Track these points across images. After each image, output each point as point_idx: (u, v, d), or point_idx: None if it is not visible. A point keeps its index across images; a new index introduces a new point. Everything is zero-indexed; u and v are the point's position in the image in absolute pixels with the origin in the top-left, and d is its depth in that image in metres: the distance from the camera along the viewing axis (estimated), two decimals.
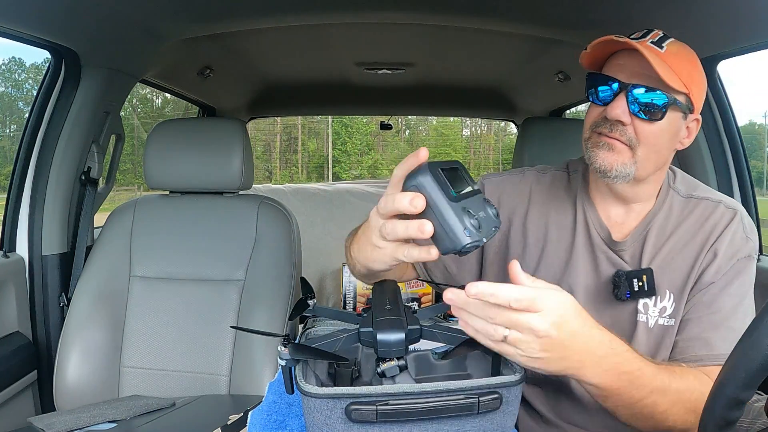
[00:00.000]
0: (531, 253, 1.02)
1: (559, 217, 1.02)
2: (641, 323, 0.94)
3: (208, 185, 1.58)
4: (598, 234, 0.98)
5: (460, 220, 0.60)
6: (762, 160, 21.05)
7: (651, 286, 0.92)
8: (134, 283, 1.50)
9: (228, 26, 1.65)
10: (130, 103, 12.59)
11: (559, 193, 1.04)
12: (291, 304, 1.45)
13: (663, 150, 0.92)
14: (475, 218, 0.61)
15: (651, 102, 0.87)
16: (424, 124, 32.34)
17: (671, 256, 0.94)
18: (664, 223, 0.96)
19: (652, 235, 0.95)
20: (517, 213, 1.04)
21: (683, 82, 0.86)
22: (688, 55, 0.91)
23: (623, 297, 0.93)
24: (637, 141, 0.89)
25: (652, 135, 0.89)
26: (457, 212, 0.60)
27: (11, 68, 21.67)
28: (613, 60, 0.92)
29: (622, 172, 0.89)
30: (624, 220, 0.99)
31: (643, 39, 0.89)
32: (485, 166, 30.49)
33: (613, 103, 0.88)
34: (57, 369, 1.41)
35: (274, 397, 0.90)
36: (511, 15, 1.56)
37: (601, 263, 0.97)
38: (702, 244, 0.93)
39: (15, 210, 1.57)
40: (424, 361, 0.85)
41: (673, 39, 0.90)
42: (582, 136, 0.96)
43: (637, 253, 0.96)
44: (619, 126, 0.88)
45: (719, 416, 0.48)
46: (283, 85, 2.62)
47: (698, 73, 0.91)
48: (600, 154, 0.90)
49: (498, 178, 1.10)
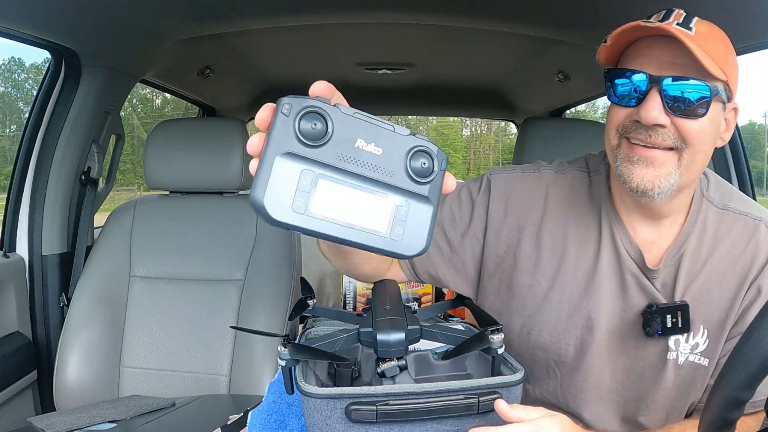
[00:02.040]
0: (544, 270, 0.88)
1: (579, 230, 0.87)
2: (671, 361, 0.83)
3: (208, 185, 1.58)
4: (629, 255, 0.84)
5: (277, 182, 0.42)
6: (762, 160, 21.05)
7: (686, 322, 0.80)
8: (134, 283, 1.50)
9: (228, 26, 1.65)
10: (130, 103, 12.60)
11: (581, 200, 0.89)
12: (291, 304, 1.45)
13: (708, 149, 0.78)
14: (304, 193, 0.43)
15: (691, 95, 0.73)
16: (424, 124, 32.33)
17: (707, 286, 0.82)
18: (699, 243, 0.83)
19: (686, 258, 0.82)
20: (530, 221, 0.90)
21: (721, 68, 0.73)
22: (720, 35, 0.77)
23: (655, 334, 0.81)
24: (683, 142, 0.75)
25: (699, 133, 0.75)
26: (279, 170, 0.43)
27: (11, 68, 21.68)
28: (632, 51, 0.78)
29: (666, 188, 0.76)
30: (655, 238, 0.85)
31: (667, 21, 0.75)
32: (485, 166, 30.47)
33: (645, 103, 0.74)
34: (57, 369, 1.41)
35: (274, 397, 0.90)
36: (511, 15, 1.55)
37: (630, 290, 0.84)
38: (743, 275, 0.81)
39: (15, 210, 1.57)
40: (424, 361, 0.85)
41: (698, 18, 0.76)
42: (606, 142, 0.82)
43: (670, 281, 0.83)
44: (658, 130, 0.75)
45: (719, 416, 0.48)
46: (283, 85, 2.61)
47: (732, 55, 0.78)
48: (636, 171, 0.76)
49: (507, 175, 0.93)
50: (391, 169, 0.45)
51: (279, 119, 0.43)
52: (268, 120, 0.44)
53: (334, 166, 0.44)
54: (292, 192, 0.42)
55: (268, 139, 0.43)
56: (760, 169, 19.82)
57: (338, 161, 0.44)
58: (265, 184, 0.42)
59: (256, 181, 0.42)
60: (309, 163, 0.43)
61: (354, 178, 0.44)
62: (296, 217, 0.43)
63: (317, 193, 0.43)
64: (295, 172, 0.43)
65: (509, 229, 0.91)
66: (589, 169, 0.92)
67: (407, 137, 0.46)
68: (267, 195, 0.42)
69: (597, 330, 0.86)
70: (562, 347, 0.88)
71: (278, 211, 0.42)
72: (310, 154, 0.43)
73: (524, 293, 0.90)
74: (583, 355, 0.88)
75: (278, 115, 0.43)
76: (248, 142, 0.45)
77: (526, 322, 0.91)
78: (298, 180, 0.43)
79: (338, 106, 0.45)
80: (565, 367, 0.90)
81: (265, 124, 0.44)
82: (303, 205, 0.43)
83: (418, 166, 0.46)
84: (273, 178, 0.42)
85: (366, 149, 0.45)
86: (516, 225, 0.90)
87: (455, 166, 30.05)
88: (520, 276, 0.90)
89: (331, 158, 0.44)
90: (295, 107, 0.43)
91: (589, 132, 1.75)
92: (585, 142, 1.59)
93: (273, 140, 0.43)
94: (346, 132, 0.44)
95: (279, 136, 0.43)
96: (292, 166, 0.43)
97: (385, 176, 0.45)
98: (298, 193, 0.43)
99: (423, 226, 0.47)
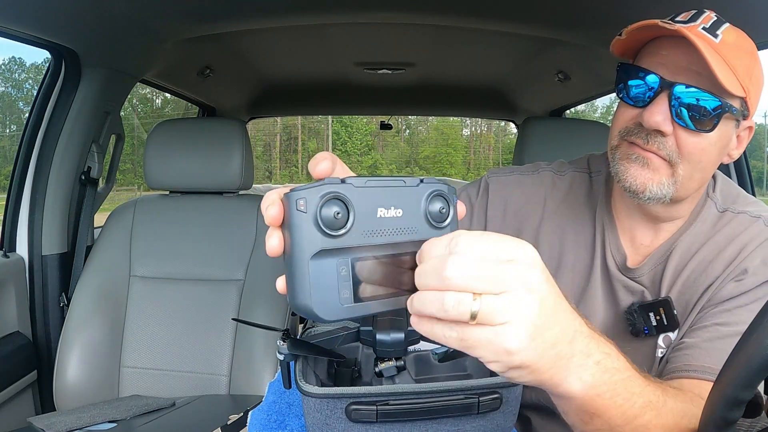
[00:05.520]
0: None
1: (577, 235, 0.86)
2: (658, 359, 0.80)
3: (208, 185, 1.58)
4: (613, 258, 0.83)
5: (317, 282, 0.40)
6: (762, 160, 21.03)
7: (672, 318, 0.77)
8: (134, 283, 1.50)
9: (228, 26, 1.65)
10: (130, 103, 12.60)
11: (579, 203, 0.88)
12: None
13: (709, 167, 0.75)
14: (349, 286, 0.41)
15: (700, 107, 0.69)
16: (424, 124, 32.35)
17: (693, 276, 0.79)
18: (692, 241, 0.80)
19: (675, 255, 0.80)
20: (528, 224, 0.88)
21: (741, 84, 0.69)
22: (747, 46, 0.71)
23: (641, 334, 0.79)
24: (679, 156, 0.71)
25: (699, 149, 0.71)
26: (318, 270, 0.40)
27: (11, 68, 21.70)
28: (651, 48, 0.73)
29: (658, 194, 0.73)
30: (651, 242, 0.83)
31: (693, 23, 0.70)
32: (485, 165, 30.47)
33: (651, 107, 0.71)
34: (57, 369, 1.41)
35: (274, 397, 0.90)
36: (511, 15, 1.56)
37: (619, 293, 0.82)
38: (729, 260, 0.77)
39: (15, 210, 1.57)
40: (424, 362, 0.85)
41: (730, 24, 0.71)
42: (608, 142, 0.79)
43: (658, 278, 0.80)
44: (657, 137, 0.71)
45: (719, 416, 0.48)
46: (283, 85, 2.62)
47: (758, 69, 0.72)
48: (631, 169, 0.74)
49: (505, 178, 0.92)
50: (414, 226, 0.44)
51: (296, 218, 0.40)
52: (280, 217, 0.41)
53: (364, 245, 0.42)
54: (336, 288, 0.41)
55: (292, 243, 0.40)
56: (760, 169, 19.81)
57: (367, 239, 0.42)
58: (308, 291, 0.40)
59: (296, 288, 0.41)
60: (342, 253, 0.41)
61: (385, 249, 0.43)
62: (346, 309, 0.42)
63: (357, 277, 0.42)
64: (332, 268, 0.41)
65: (507, 231, 0.89)
66: (590, 169, 0.90)
67: (419, 187, 0.45)
68: (313, 300, 0.40)
69: None
70: None
71: (328, 310, 0.41)
72: (339, 244, 0.41)
73: None
74: None
75: (294, 213, 0.40)
76: (267, 244, 0.41)
77: None
78: (337, 274, 0.41)
79: (348, 182, 0.42)
80: None
81: (277, 221, 0.41)
82: (349, 295, 0.42)
83: (436, 212, 0.45)
84: (313, 281, 0.40)
85: (388, 216, 0.43)
86: (514, 227, 0.89)
87: (455, 166, 30.05)
88: None
89: (360, 239, 0.42)
90: (310, 201, 0.40)
91: (589, 132, 1.75)
92: (585, 142, 1.60)
93: (298, 244, 0.40)
94: (365, 207, 0.42)
95: (303, 238, 0.40)
96: (327, 264, 0.41)
97: (411, 235, 0.44)
98: (341, 286, 0.41)
99: None
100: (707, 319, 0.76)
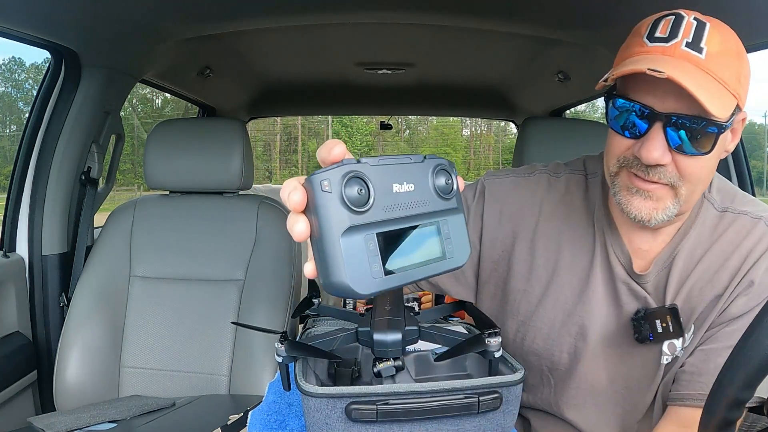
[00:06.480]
0: (538, 276, 0.87)
1: (574, 236, 0.86)
2: (664, 366, 0.82)
3: (208, 185, 1.58)
4: (619, 261, 0.83)
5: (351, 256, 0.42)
6: (762, 160, 21.04)
7: (677, 326, 0.77)
8: (134, 283, 1.50)
9: (228, 26, 1.65)
10: (130, 103, 12.60)
11: (576, 205, 0.88)
12: (291, 303, 1.45)
13: (710, 177, 0.77)
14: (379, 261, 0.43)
15: (695, 133, 0.69)
16: (424, 124, 32.35)
17: (699, 285, 0.79)
18: (694, 246, 0.80)
19: (679, 261, 0.80)
20: (525, 226, 0.89)
21: (732, 92, 0.69)
22: (733, 47, 0.71)
23: (646, 340, 0.80)
24: (681, 179, 0.72)
25: (698, 168, 0.72)
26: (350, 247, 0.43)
27: (11, 68, 21.70)
28: (638, 75, 0.71)
29: (663, 218, 0.74)
30: (650, 245, 0.83)
31: (675, 40, 0.69)
32: (485, 166, 30.46)
33: (647, 142, 0.70)
34: (57, 369, 1.41)
35: (274, 397, 0.90)
36: (511, 15, 1.56)
37: (623, 297, 0.82)
38: (735, 269, 0.78)
39: (15, 210, 1.57)
40: (424, 361, 0.85)
41: (711, 26, 0.70)
42: (605, 165, 0.80)
43: (662, 284, 0.81)
44: (657, 168, 0.72)
45: (719, 416, 0.48)
46: (282, 85, 2.62)
47: (746, 67, 0.72)
48: (634, 202, 0.75)
49: (501, 180, 0.93)
50: (425, 198, 0.47)
51: (323, 199, 0.42)
52: (304, 201, 0.42)
53: (387, 219, 0.44)
54: (367, 262, 0.43)
55: (320, 224, 0.42)
56: (760, 169, 19.83)
57: (388, 213, 0.45)
58: (342, 268, 0.42)
59: (330, 267, 0.42)
60: (368, 228, 0.43)
61: (405, 222, 0.46)
62: (379, 282, 0.44)
63: (384, 251, 0.44)
64: (361, 243, 0.43)
65: (504, 234, 0.91)
66: (586, 171, 0.90)
67: (423, 162, 0.48)
68: (348, 276, 0.42)
69: (590, 337, 0.85)
70: (555, 354, 0.88)
71: (363, 285, 0.43)
72: (365, 220, 0.43)
73: (518, 299, 0.90)
74: (576, 362, 0.87)
75: (319, 194, 0.42)
76: (295, 230, 0.42)
77: (520, 328, 0.90)
78: (366, 249, 0.43)
79: (364, 161, 0.44)
80: (558, 374, 0.89)
81: (302, 205, 0.42)
82: (379, 269, 0.44)
83: (442, 185, 0.48)
84: (345, 258, 0.42)
85: (402, 191, 0.46)
86: (510, 231, 0.90)
87: (455, 165, 30.01)
88: (514, 282, 0.90)
89: (382, 213, 0.44)
90: (334, 181, 0.42)
91: (589, 132, 1.75)
92: (585, 142, 1.60)
93: (327, 224, 0.42)
94: (382, 183, 0.45)
95: (332, 217, 0.42)
96: (357, 239, 0.43)
97: (425, 207, 0.47)
98: (371, 261, 0.43)
99: (463, 234, 0.50)
100: (721, 339, 0.77)
